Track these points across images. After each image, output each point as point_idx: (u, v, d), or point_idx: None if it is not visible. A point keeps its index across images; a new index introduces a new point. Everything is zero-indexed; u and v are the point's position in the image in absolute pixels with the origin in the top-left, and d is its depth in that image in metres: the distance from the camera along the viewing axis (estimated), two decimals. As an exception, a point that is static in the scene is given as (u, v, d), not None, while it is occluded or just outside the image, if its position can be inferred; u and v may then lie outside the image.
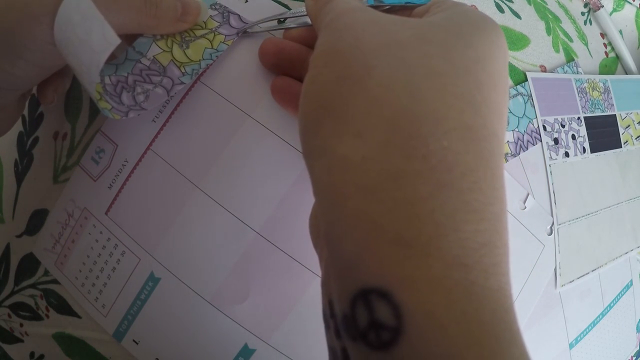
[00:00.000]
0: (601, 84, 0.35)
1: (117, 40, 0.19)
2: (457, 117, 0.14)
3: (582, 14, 0.38)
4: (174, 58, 0.24)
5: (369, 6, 0.20)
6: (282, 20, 0.25)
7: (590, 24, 0.38)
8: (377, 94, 0.14)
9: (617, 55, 0.39)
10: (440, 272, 0.13)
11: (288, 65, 0.23)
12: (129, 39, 0.24)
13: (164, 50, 0.24)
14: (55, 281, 0.28)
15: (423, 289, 0.13)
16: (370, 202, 0.13)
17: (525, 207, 0.28)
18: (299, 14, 0.24)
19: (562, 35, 0.34)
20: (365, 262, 0.13)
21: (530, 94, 0.29)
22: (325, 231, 0.15)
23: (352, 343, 0.14)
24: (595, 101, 0.34)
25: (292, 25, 0.24)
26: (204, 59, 0.24)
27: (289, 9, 0.26)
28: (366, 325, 0.13)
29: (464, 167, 0.14)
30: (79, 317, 0.28)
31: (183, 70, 0.24)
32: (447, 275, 0.13)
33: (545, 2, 0.35)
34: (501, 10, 0.31)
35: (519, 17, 0.31)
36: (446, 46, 0.15)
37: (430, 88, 0.14)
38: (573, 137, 0.31)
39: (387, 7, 0.22)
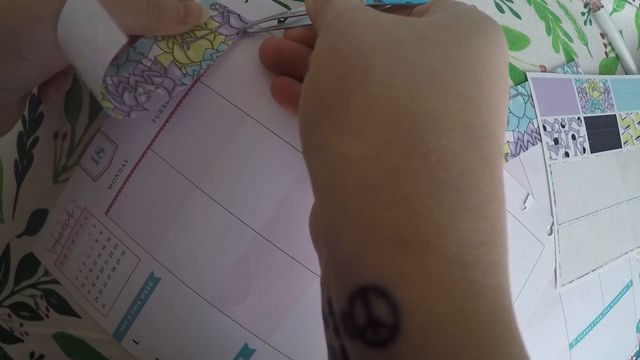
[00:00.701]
0: (601, 84, 0.35)
1: (124, 40, 0.19)
2: (456, 115, 0.14)
3: (582, 14, 0.38)
4: (175, 59, 0.24)
5: (369, 5, 0.20)
6: (282, 20, 0.25)
7: (590, 24, 0.38)
8: (377, 93, 0.14)
9: (617, 55, 0.39)
10: (438, 270, 0.13)
11: (288, 64, 0.23)
12: (130, 39, 0.24)
13: (165, 51, 0.24)
14: (55, 281, 0.28)
15: (421, 286, 0.13)
16: (369, 201, 0.13)
17: (525, 207, 0.28)
18: (299, 14, 0.24)
19: (562, 35, 0.34)
20: (363, 259, 0.13)
21: (530, 94, 0.30)
22: (324, 229, 0.15)
23: (351, 341, 0.14)
24: (595, 101, 0.34)
25: (292, 25, 0.24)
26: (204, 60, 0.24)
27: (289, 8, 0.26)
28: (364, 323, 0.13)
29: (462, 166, 0.14)
30: (79, 317, 0.28)
31: (184, 72, 0.24)
32: (446, 273, 0.13)
33: (545, 2, 0.35)
34: (501, 10, 0.31)
35: (519, 17, 0.31)
36: (445, 45, 0.15)
37: (429, 87, 0.14)
38: (573, 137, 0.31)
39: (388, 6, 0.22)
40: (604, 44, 0.38)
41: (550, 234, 0.29)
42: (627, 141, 0.36)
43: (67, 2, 0.19)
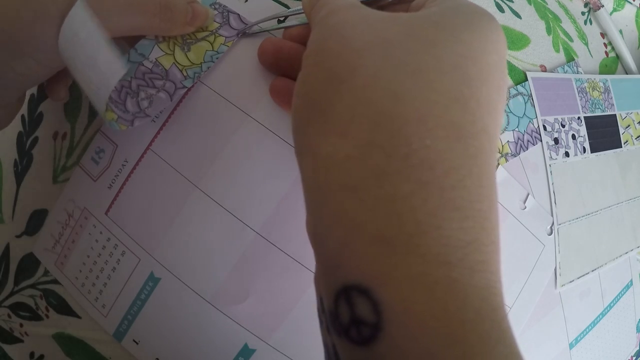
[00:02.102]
0: (601, 84, 0.35)
1: (123, 71, 0.19)
2: (442, 114, 0.14)
3: (583, 13, 0.38)
4: (175, 61, 0.24)
5: (365, 1, 0.20)
6: (281, 19, 0.25)
7: (591, 23, 0.38)
8: (362, 94, 0.14)
9: (617, 55, 0.39)
10: (420, 270, 0.13)
11: (287, 65, 0.23)
12: (131, 40, 0.24)
13: (166, 53, 0.24)
14: (55, 281, 0.28)
15: (403, 286, 0.13)
16: (352, 201, 0.14)
17: (525, 207, 0.28)
18: (298, 12, 0.24)
19: (562, 35, 0.34)
20: (346, 259, 0.14)
21: (531, 94, 0.29)
22: (312, 229, 0.15)
23: (338, 338, 0.14)
24: (595, 101, 0.34)
25: (292, 24, 0.24)
26: (205, 62, 0.24)
27: (289, 8, 0.26)
28: (348, 322, 0.13)
29: (447, 165, 0.13)
30: (79, 317, 0.28)
31: (185, 74, 0.24)
32: (428, 273, 0.13)
33: (545, 1, 0.35)
34: (501, 10, 0.31)
35: (519, 16, 0.31)
36: (434, 42, 0.15)
37: (414, 86, 0.14)
38: (573, 137, 0.31)
39: (387, 1, 0.22)
40: (604, 43, 0.38)
41: (550, 233, 0.29)
42: (627, 141, 0.36)
43: (67, 17, 0.19)
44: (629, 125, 0.36)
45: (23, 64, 0.20)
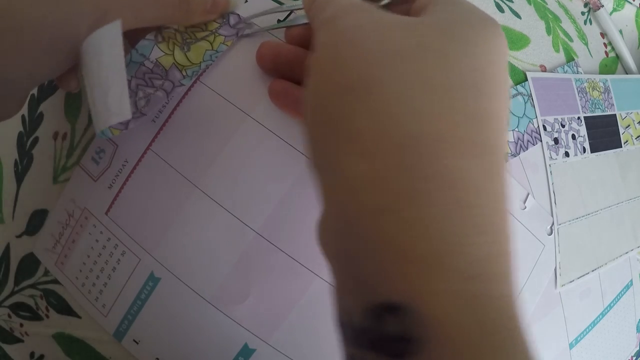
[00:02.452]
0: (601, 84, 0.35)
1: (129, 115, 0.19)
2: (460, 133, 0.14)
3: (582, 13, 0.38)
4: (175, 61, 0.24)
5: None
6: (281, 20, 0.25)
7: (590, 23, 0.38)
8: (380, 111, 0.14)
9: (617, 55, 0.39)
10: (444, 286, 0.13)
11: (286, 68, 0.23)
12: (132, 40, 0.24)
13: (166, 54, 0.24)
14: (55, 281, 0.28)
15: (434, 302, 0.13)
16: (378, 223, 0.14)
17: (525, 207, 0.28)
18: (297, 8, 0.24)
19: (562, 35, 0.34)
20: (380, 277, 0.14)
21: (530, 94, 0.29)
22: (337, 247, 0.15)
23: (368, 352, 0.14)
24: (595, 101, 0.34)
25: (292, 24, 0.24)
26: (204, 61, 0.24)
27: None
28: (384, 337, 0.14)
29: (467, 183, 0.14)
30: (79, 317, 0.28)
31: (184, 73, 0.24)
32: (449, 289, 0.13)
33: (545, 1, 0.35)
34: (501, 10, 0.31)
35: (519, 16, 0.31)
36: (446, 55, 0.15)
37: (431, 104, 0.14)
38: (573, 136, 0.31)
39: (387, 0, 0.22)
40: (604, 43, 0.38)
41: (550, 233, 0.29)
42: (627, 141, 0.36)
43: (96, 33, 0.19)
44: (629, 125, 0.36)
45: (51, 56, 0.21)
